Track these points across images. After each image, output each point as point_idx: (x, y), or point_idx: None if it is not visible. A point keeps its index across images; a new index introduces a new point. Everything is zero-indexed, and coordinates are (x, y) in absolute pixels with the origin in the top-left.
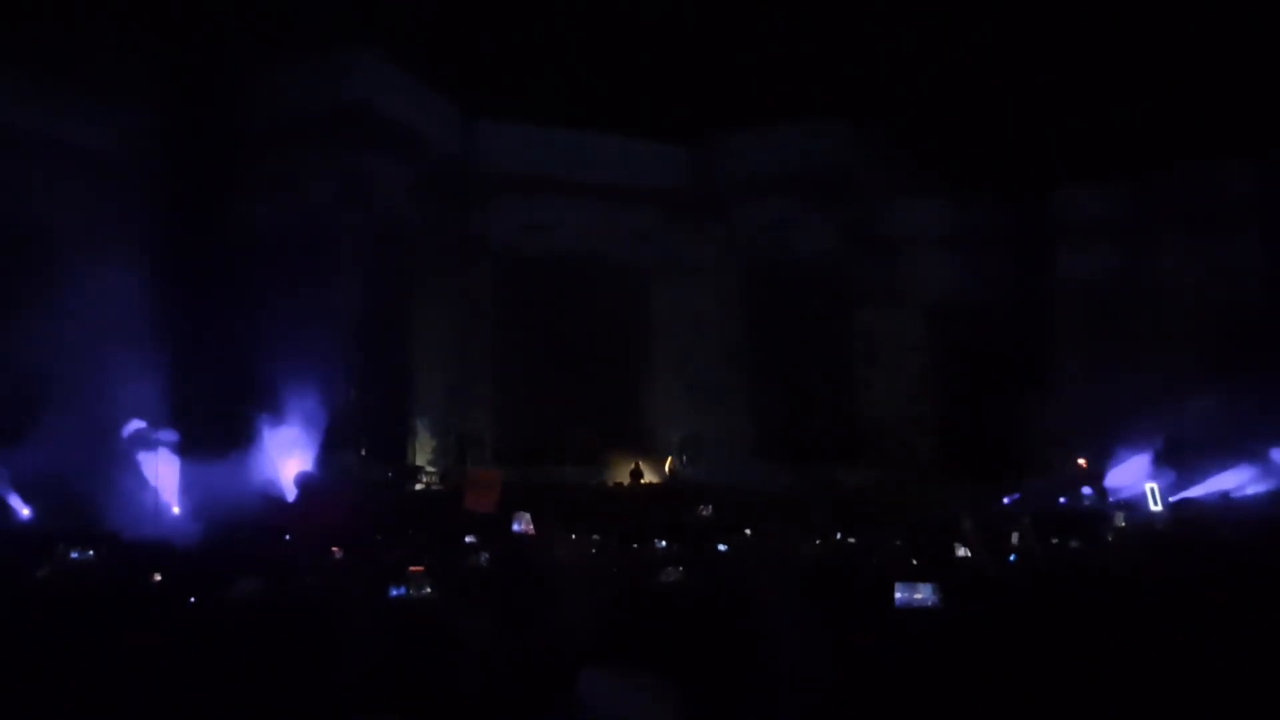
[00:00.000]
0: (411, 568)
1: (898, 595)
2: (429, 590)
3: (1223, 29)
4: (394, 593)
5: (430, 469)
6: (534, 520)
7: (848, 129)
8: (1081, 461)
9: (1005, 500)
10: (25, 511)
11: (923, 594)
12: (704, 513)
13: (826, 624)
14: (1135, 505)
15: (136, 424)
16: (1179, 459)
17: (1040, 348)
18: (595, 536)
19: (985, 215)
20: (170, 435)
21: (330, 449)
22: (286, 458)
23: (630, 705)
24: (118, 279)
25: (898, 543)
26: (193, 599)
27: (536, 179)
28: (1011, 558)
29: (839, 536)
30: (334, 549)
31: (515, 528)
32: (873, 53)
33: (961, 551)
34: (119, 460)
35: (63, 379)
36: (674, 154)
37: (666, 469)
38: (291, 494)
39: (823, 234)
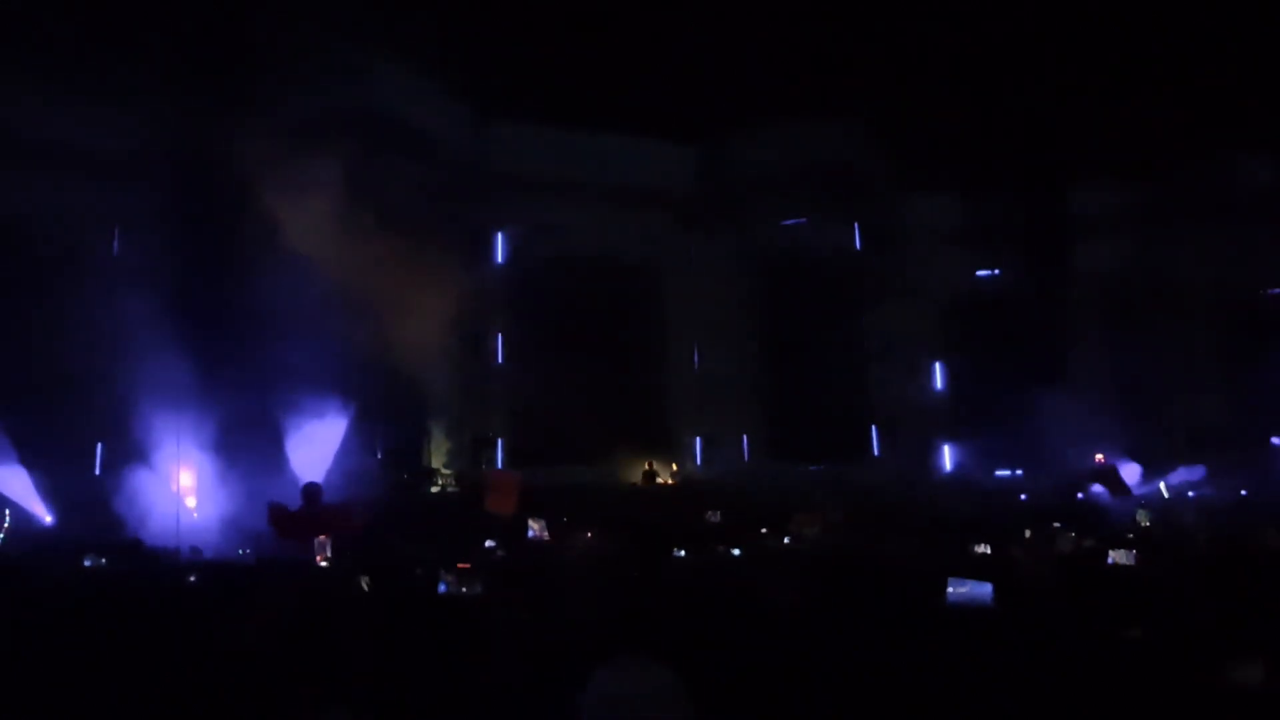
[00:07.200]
0: (459, 564)
1: (950, 591)
2: (478, 588)
3: (1238, 20)
4: (441, 589)
5: (445, 471)
6: (549, 525)
7: (858, 125)
8: (1099, 457)
9: (1023, 497)
10: (48, 519)
11: (977, 591)
12: (712, 519)
13: (869, 622)
14: (1151, 502)
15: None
16: (1196, 453)
17: (1055, 342)
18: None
19: (999, 210)
20: (190, 441)
21: (346, 452)
22: (305, 461)
23: (649, 702)
24: (134, 285)
25: (914, 541)
26: (217, 602)
27: (548, 180)
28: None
29: (856, 534)
30: (322, 538)
31: (530, 534)
32: (883, 49)
33: (981, 548)
34: (141, 467)
35: (84, 386)
36: (685, 154)
37: (673, 470)
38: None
39: (835, 231)
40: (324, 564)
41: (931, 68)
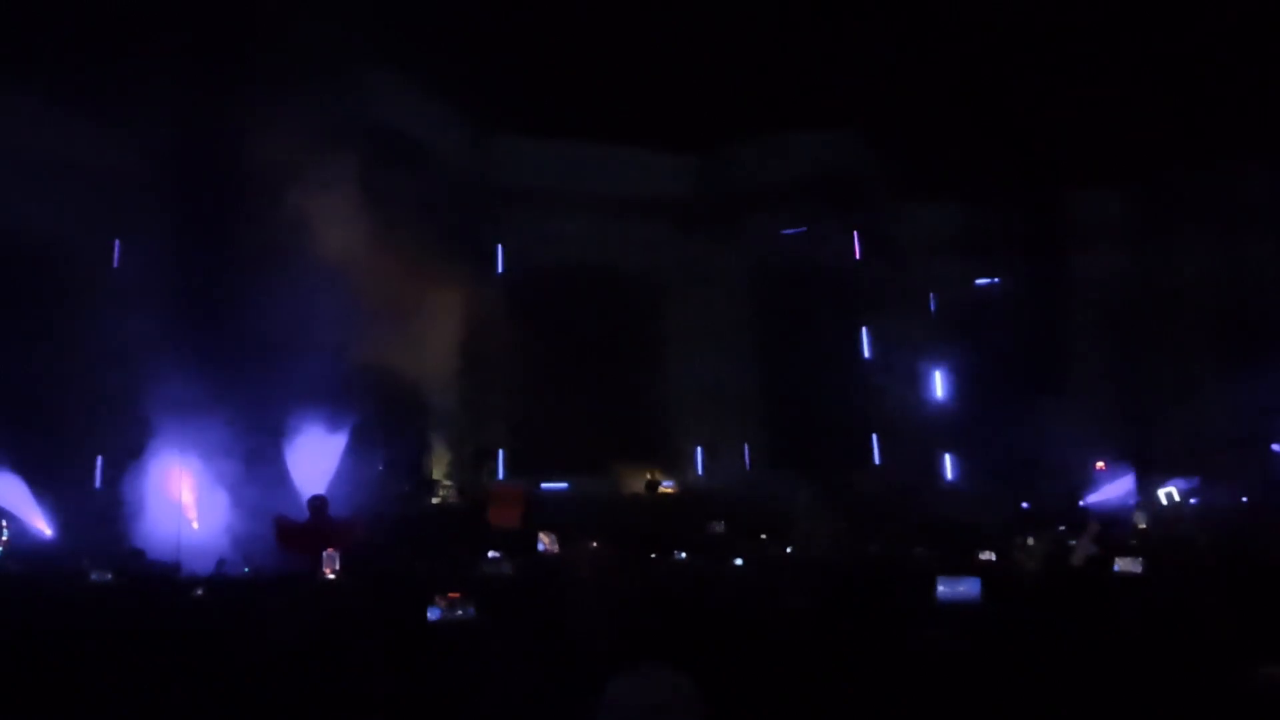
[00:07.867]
0: (450, 593)
1: (940, 589)
2: (471, 612)
3: (1234, 29)
4: (432, 615)
5: (447, 482)
6: (557, 538)
7: (857, 135)
8: (1100, 464)
9: (1024, 505)
10: (48, 531)
11: (966, 588)
12: (715, 529)
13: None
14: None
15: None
16: (1196, 460)
17: (1054, 350)
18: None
19: (998, 218)
20: (190, 453)
21: (347, 464)
22: (306, 473)
23: (658, 710)
24: (136, 298)
25: (916, 549)
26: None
27: (549, 192)
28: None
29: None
30: (328, 551)
31: (540, 548)
32: (882, 57)
33: (985, 555)
34: (142, 480)
35: (85, 399)
36: (684, 164)
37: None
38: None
39: (834, 240)
40: (331, 576)
41: (930, 76)
